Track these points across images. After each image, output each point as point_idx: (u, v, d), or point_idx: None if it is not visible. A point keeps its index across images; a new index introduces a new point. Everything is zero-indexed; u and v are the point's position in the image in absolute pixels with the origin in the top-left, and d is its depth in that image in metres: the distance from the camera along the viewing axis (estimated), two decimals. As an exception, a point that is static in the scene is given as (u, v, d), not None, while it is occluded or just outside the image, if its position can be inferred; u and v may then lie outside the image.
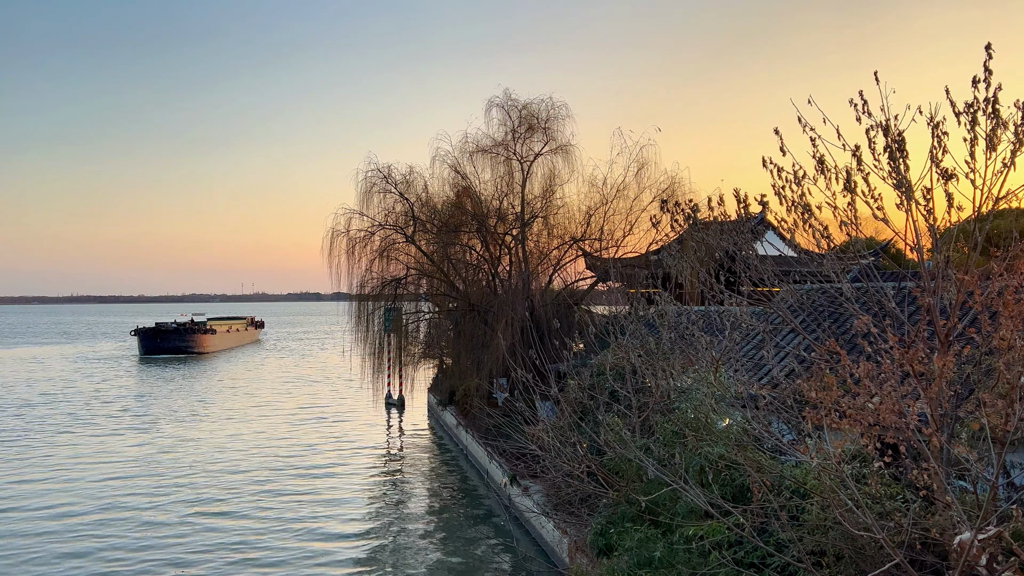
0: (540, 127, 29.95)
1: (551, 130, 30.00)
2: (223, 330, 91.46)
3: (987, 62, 8.28)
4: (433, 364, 38.66)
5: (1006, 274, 8.13)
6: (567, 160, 30.23)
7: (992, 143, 8.55)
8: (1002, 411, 7.62)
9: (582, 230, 29.84)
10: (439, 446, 31.33)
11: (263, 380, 56.48)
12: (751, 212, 10.65)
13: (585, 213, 29.76)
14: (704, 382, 11.08)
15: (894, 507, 7.81)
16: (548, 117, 29.93)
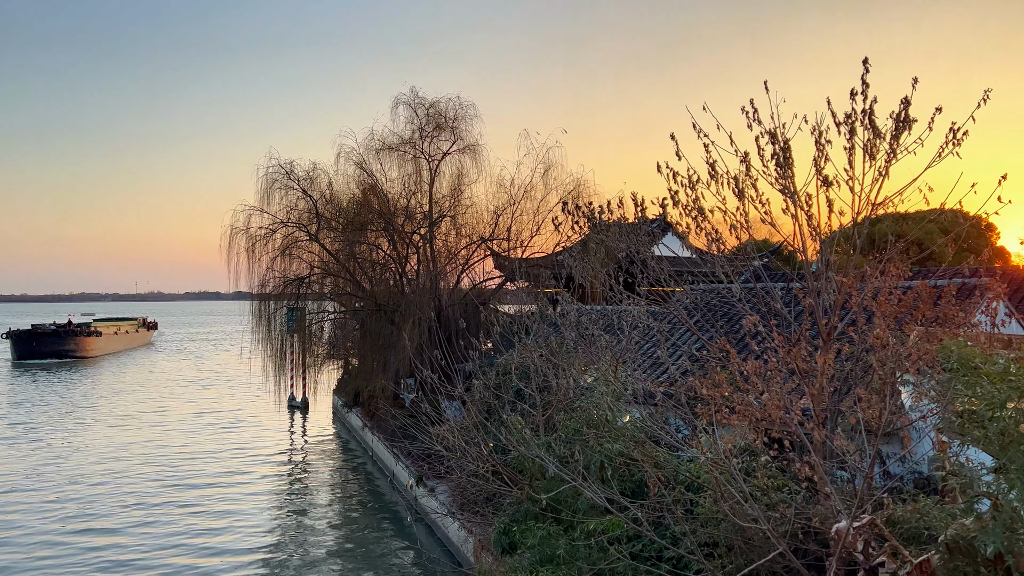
0: (448, 126, 29.89)
1: (459, 129, 30.00)
2: (110, 332, 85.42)
3: (864, 75, 8.79)
4: (338, 365, 37.98)
5: (880, 277, 8.66)
6: (475, 160, 30.31)
7: (871, 152, 9.09)
8: (876, 405, 8.13)
9: (490, 230, 29.96)
10: (344, 449, 30.80)
11: (156, 385, 53.76)
12: (650, 215, 10.97)
13: (493, 213, 29.91)
14: (604, 380, 11.33)
15: (780, 498, 8.20)
16: (456, 116, 29.92)
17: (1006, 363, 7.44)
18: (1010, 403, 7.66)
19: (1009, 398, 7.29)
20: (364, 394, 30.69)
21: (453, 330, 23.29)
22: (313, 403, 39.63)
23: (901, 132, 8.86)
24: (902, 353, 8.24)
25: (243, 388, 48.53)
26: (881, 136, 8.94)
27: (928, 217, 21.13)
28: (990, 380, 7.51)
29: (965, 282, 13.26)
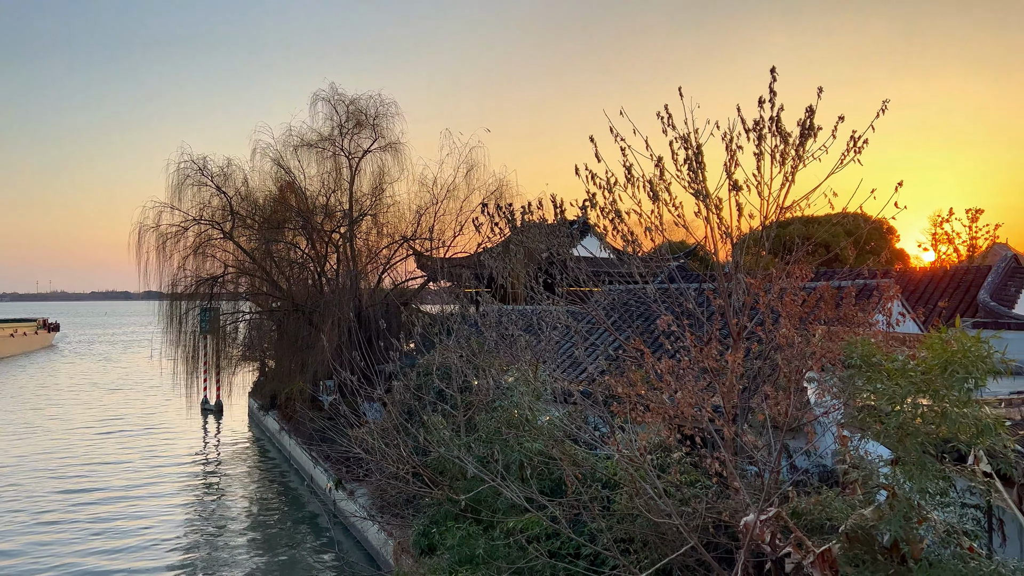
0: (369, 123, 29.51)
1: (380, 127, 29.66)
2: (5, 334, 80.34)
3: (772, 84, 9.12)
4: (255, 367, 36.99)
5: (786, 278, 9.00)
6: (397, 158, 30.03)
7: (779, 158, 9.44)
8: (783, 402, 8.46)
9: (412, 229, 29.74)
10: (261, 453, 30.00)
11: (57, 390, 51.02)
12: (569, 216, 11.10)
13: (416, 212, 29.70)
14: (524, 380, 11.40)
15: (692, 493, 8.42)
16: (377, 114, 29.57)
17: (904, 360, 7.85)
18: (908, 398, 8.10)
19: (907, 393, 7.71)
20: (281, 396, 29.98)
21: (373, 330, 23.00)
22: (228, 406, 38.45)
23: (806, 139, 9.24)
24: (806, 351, 8.59)
25: (153, 392, 46.66)
26: (788, 143, 9.30)
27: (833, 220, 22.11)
28: (889, 376, 7.91)
29: (866, 283, 13.94)
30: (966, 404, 7.16)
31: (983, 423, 7.22)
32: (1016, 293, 21.16)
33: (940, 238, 62.18)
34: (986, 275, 21.74)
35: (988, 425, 7.22)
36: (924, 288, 23.24)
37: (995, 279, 20.99)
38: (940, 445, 7.54)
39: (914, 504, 7.31)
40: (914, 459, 7.41)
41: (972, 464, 7.71)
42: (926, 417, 7.40)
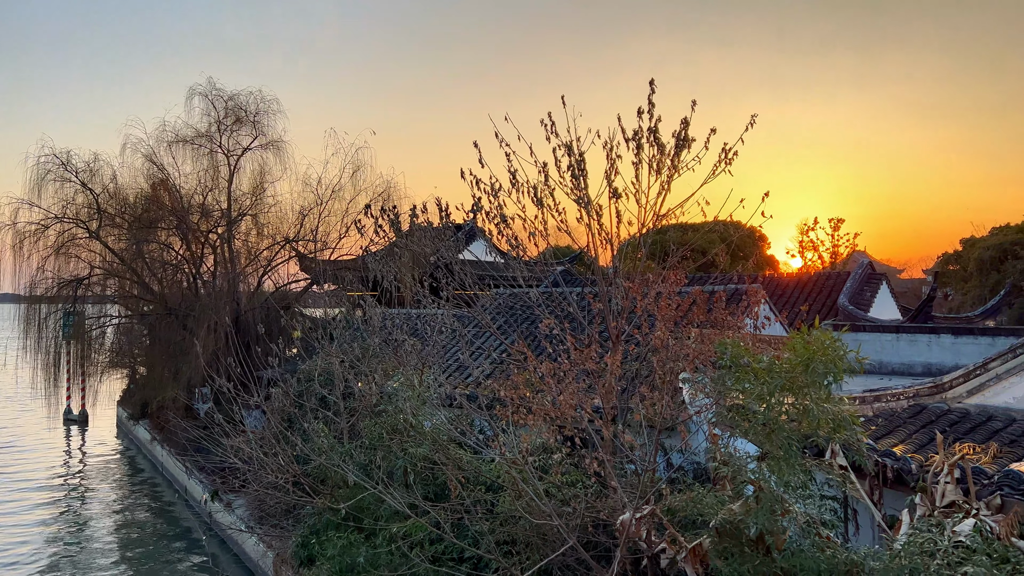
0: (249, 120, 28.45)
1: (261, 124, 28.65)
2: None
3: (650, 95, 9.45)
4: (124, 374, 34.84)
5: (662, 283, 9.35)
6: (279, 157, 29.07)
7: (656, 167, 9.78)
8: (658, 402, 8.75)
9: (296, 230, 28.88)
10: (130, 465, 28.31)
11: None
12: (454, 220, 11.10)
13: (299, 213, 28.83)
14: (409, 385, 11.29)
15: (572, 494, 8.58)
16: (258, 111, 28.55)
17: (771, 360, 8.30)
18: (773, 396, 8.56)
19: (773, 391, 8.15)
20: (153, 405, 28.41)
21: (253, 335, 22.16)
22: (93, 416, 36.05)
23: (681, 150, 9.63)
24: (680, 353, 8.95)
25: (8, 403, 43.18)
26: (665, 153, 9.66)
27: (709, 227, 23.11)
28: (756, 376, 8.34)
29: (737, 288, 14.67)
30: (826, 400, 7.65)
31: (840, 418, 7.74)
32: (871, 297, 22.84)
33: (806, 245, 66.35)
34: (845, 280, 23.35)
35: (845, 419, 7.74)
36: (791, 292, 24.70)
37: (853, 284, 22.57)
38: (802, 441, 8.01)
39: (779, 497, 7.73)
40: (779, 454, 7.84)
41: (830, 458, 8.23)
42: (790, 414, 7.85)
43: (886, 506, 8.24)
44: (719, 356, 8.91)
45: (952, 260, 56.54)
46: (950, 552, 6.07)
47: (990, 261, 48.66)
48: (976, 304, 39.98)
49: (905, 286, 56.32)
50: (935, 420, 9.42)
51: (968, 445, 8.34)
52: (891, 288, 25.96)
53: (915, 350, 15.29)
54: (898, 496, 8.19)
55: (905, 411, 9.89)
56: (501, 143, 9.68)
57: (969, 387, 9.61)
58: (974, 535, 6.09)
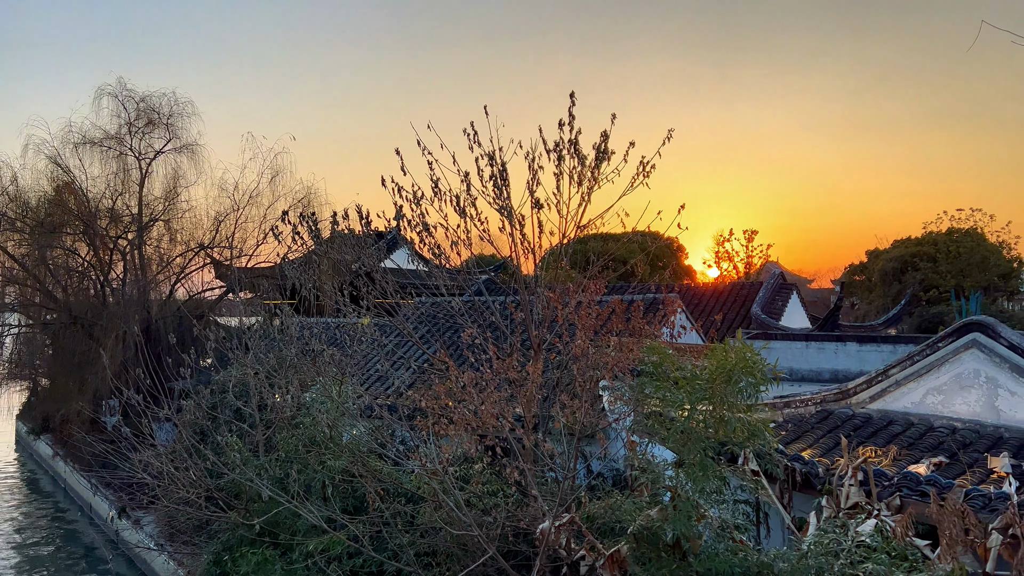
0: (162, 123, 27.44)
1: (175, 127, 27.67)
2: None
3: (571, 108, 9.56)
4: (24, 386, 32.97)
5: (582, 293, 9.46)
6: (194, 161, 28.12)
7: (579, 179, 9.91)
8: (578, 409, 8.84)
9: (211, 236, 27.95)
10: (30, 483, 26.77)
11: None
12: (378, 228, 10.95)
13: (215, 219, 27.92)
14: (327, 396, 11.06)
15: (493, 503, 8.56)
16: (172, 113, 27.56)
17: (691, 369, 8.51)
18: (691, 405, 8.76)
19: (693, 400, 8.35)
20: (56, 419, 26.93)
21: (164, 345, 21.32)
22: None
23: (601, 162, 9.78)
24: (600, 361, 9.06)
25: None
26: (586, 165, 9.79)
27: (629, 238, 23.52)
28: (677, 384, 8.54)
29: (655, 297, 14.99)
30: (743, 410, 7.90)
31: (755, 427, 8.00)
32: (783, 307, 23.71)
33: (722, 256, 68.47)
34: (758, 290, 24.17)
35: (759, 429, 8.00)
36: (707, 301, 25.39)
37: (765, 294, 23.38)
38: (717, 447, 8.23)
39: (695, 503, 7.90)
40: (696, 461, 8.03)
41: (743, 464, 8.48)
42: (707, 422, 8.06)
43: (796, 509, 8.54)
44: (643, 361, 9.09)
45: (858, 271, 59.33)
46: (853, 551, 6.33)
47: (892, 272, 51.29)
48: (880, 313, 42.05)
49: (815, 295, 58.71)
50: (841, 425, 9.83)
51: (870, 449, 8.72)
52: (801, 298, 27.02)
53: (823, 357, 15.93)
54: (807, 499, 8.49)
55: (813, 416, 10.28)
56: (424, 151, 9.62)
57: (871, 393, 10.07)
58: (875, 535, 6.36)
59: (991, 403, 8.98)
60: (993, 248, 52.66)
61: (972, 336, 9.17)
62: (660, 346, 8.95)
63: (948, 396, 9.39)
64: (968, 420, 9.11)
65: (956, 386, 9.32)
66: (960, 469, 8.03)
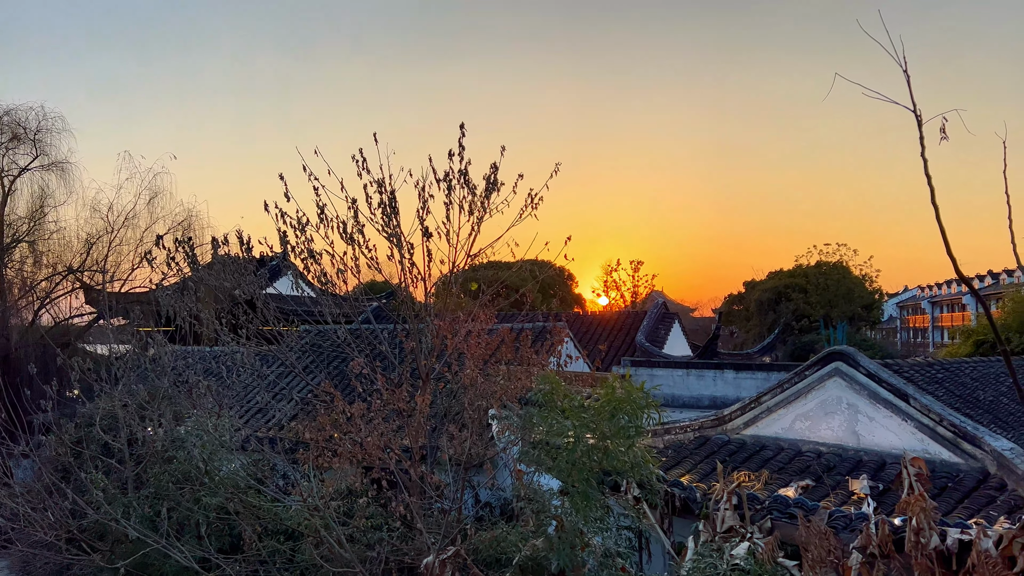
0: (28, 138, 25.73)
1: (43, 143, 25.99)
2: None
3: (461, 139, 9.65)
4: None
5: (472, 322, 9.48)
6: (64, 179, 26.46)
7: (469, 208, 9.96)
8: (466, 440, 8.81)
9: (81, 260, 26.31)
10: None
11: None
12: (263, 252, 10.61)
13: (86, 241, 26.34)
14: (204, 428, 10.55)
15: (377, 538, 8.37)
16: (40, 128, 25.89)
17: (580, 399, 8.65)
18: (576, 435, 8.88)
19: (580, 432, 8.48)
20: None
21: (24, 375, 19.78)
22: None
23: (491, 192, 9.89)
24: (489, 391, 9.08)
25: None
26: (476, 195, 9.87)
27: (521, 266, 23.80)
28: (564, 414, 8.66)
29: (545, 326, 15.20)
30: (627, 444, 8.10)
31: (637, 457, 8.21)
32: (665, 335, 24.56)
33: (610, 285, 70.46)
34: (643, 319, 24.95)
35: (640, 461, 8.22)
36: (595, 330, 25.99)
37: (649, 323, 24.16)
38: (601, 476, 8.37)
39: (579, 531, 7.99)
40: (581, 490, 8.15)
41: (625, 491, 8.65)
42: (592, 451, 8.20)
43: (675, 534, 8.77)
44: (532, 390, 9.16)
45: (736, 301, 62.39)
46: (728, 574, 6.55)
47: (767, 302, 54.18)
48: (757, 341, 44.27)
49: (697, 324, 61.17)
50: (717, 451, 10.22)
51: (744, 473, 9.10)
52: (683, 326, 28.09)
53: (703, 384, 16.58)
54: (686, 523, 8.73)
55: (692, 442, 10.64)
56: (310, 176, 9.45)
57: (745, 419, 10.54)
58: (748, 557, 6.62)
59: (852, 428, 9.57)
60: (857, 281, 56.64)
61: (835, 365, 9.77)
62: (553, 375, 9.06)
63: (814, 422, 9.95)
64: (832, 444, 9.67)
65: (821, 412, 9.89)
66: (825, 491, 8.50)
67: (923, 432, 8.93)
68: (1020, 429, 9.72)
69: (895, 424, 9.20)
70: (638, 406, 8.01)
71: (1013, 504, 7.64)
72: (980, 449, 8.41)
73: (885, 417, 9.28)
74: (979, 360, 13.01)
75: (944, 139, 3.31)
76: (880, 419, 9.34)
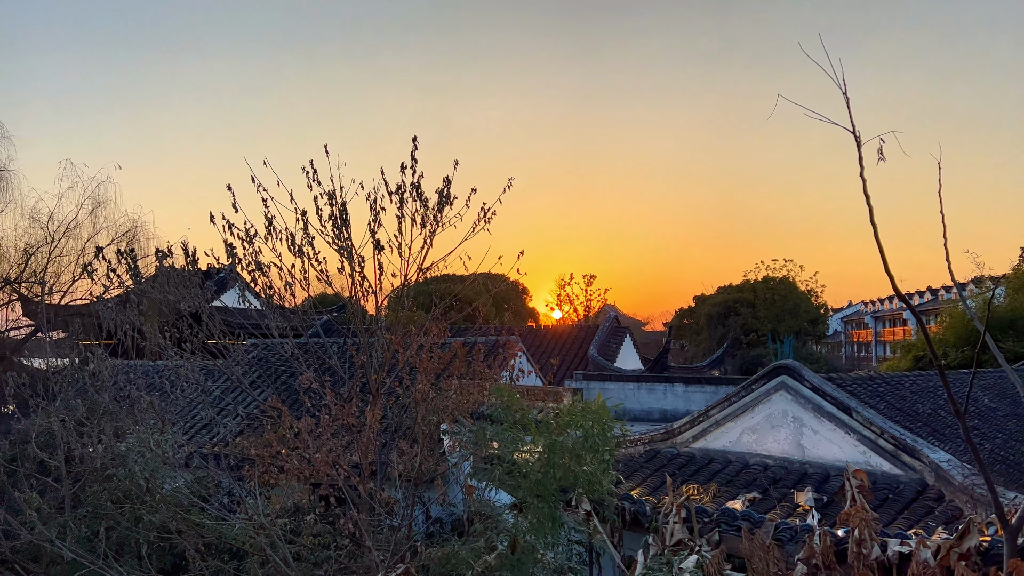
0: (-36, 144, 24.87)
1: (-21, 150, 25.16)
2: None
3: (413, 152, 9.61)
4: None
5: (424, 336, 9.41)
6: (2, 187, 25.62)
7: (422, 221, 9.91)
8: (417, 455, 8.72)
9: (19, 270, 25.44)
10: None
11: None
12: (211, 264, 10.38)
13: (24, 252, 25.48)
14: (146, 445, 10.24)
15: (325, 556, 8.21)
16: (-24, 134, 25.07)
17: (543, 415, 8.66)
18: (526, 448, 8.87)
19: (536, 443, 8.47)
20: None
21: (-45, 391, 18.96)
22: None
23: (444, 206, 9.86)
24: (441, 406, 9.01)
25: None
26: (428, 208, 9.83)
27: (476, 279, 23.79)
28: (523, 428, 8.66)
29: (498, 340, 15.17)
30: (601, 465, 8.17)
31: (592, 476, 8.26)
32: (616, 349, 24.74)
33: (564, 299, 70.83)
34: (595, 333, 25.11)
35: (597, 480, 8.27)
36: (548, 343, 26.06)
37: (601, 337, 24.32)
38: (556, 492, 8.38)
39: (532, 547, 7.97)
40: (538, 507, 8.14)
41: (577, 505, 8.67)
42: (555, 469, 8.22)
43: (626, 547, 8.80)
44: (485, 404, 9.12)
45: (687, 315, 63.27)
46: (676, 588, 6.59)
47: (717, 316, 55.09)
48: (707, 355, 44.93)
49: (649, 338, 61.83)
50: (667, 464, 10.31)
51: (693, 486, 9.20)
52: (634, 340, 28.35)
53: (653, 398, 16.74)
54: (636, 537, 8.78)
55: (642, 456, 10.72)
56: (259, 188, 9.30)
57: (694, 432, 10.66)
58: (696, 571, 6.67)
59: (797, 441, 9.75)
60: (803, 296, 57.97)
61: (781, 379, 9.96)
62: (507, 387, 9.04)
63: (761, 435, 10.11)
64: (778, 457, 9.84)
65: (768, 425, 10.06)
66: (771, 504, 8.63)
67: (865, 445, 9.15)
68: (957, 441, 10.03)
69: (839, 437, 9.41)
70: (607, 426, 8.11)
71: (950, 515, 7.86)
72: (919, 461, 8.64)
73: (829, 430, 9.48)
74: (918, 374, 13.41)
75: (882, 160, 3.41)
76: (824, 432, 9.53)
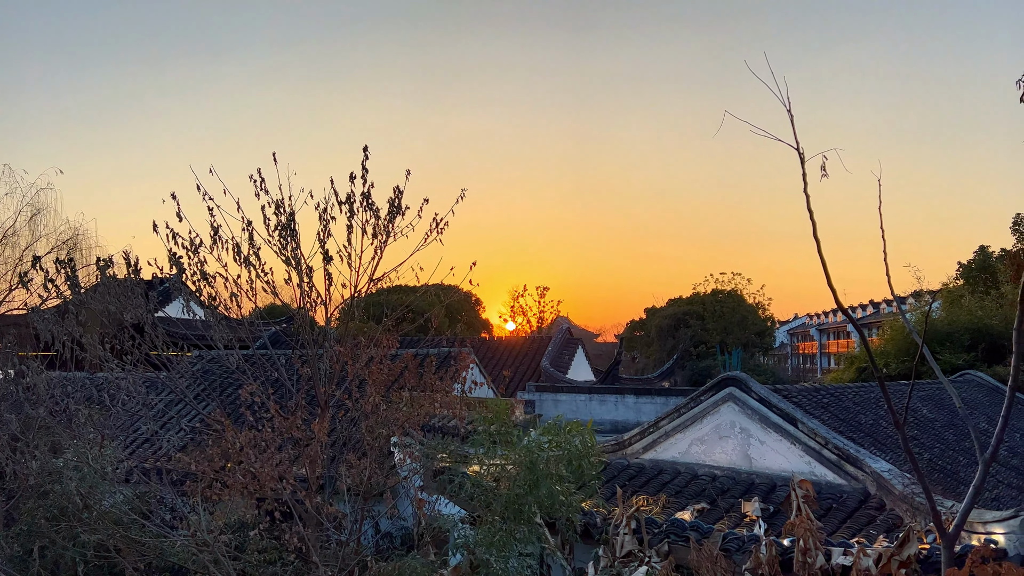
0: None
1: (-87, 153, 24.22)
2: None
3: (364, 161, 9.51)
4: None
5: (374, 347, 9.29)
6: (-65, 194, 24.67)
7: (373, 232, 9.81)
8: (366, 468, 8.60)
9: (-50, 279, 24.48)
10: None
11: None
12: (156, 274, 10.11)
13: (-43, 259, 24.55)
14: (84, 460, 9.89)
15: (271, 572, 8.03)
16: (-92, 136, 24.08)
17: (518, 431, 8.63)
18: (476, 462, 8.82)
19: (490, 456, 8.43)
20: None
21: None
22: None
23: (395, 216, 9.78)
24: (391, 418, 8.90)
25: None
26: (379, 218, 9.74)
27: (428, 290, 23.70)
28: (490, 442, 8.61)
29: (450, 351, 15.09)
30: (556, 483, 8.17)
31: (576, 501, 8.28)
32: (569, 360, 24.86)
33: (517, 310, 70.98)
34: (548, 344, 25.19)
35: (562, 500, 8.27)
36: (501, 355, 26.04)
37: (553, 348, 24.41)
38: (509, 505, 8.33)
39: (486, 560, 7.90)
40: (486, 518, 8.08)
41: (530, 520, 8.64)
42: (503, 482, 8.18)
43: (576, 559, 8.80)
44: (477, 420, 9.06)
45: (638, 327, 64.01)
46: (626, 600, 6.60)
47: (667, 328, 55.80)
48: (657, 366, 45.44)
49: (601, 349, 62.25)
50: (617, 475, 10.35)
51: (643, 497, 9.25)
52: (586, 352, 28.51)
53: (605, 409, 16.83)
54: (587, 549, 8.78)
55: (594, 467, 10.74)
56: (204, 196, 9.10)
57: (644, 444, 10.74)
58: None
59: (745, 451, 9.90)
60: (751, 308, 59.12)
61: (729, 390, 10.10)
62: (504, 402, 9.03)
63: (709, 446, 10.23)
64: (726, 468, 9.96)
65: (716, 436, 10.19)
66: (719, 514, 8.73)
67: (810, 455, 9.32)
68: (897, 451, 10.30)
69: (784, 447, 9.57)
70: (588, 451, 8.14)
71: (891, 523, 8.06)
72: (861, 471, 8.84)
73: (775, 441, 9.65)
74: (860, 385, 13.74)
75: (824, 176, 3.48)
76: (771, 443, 9.69)
